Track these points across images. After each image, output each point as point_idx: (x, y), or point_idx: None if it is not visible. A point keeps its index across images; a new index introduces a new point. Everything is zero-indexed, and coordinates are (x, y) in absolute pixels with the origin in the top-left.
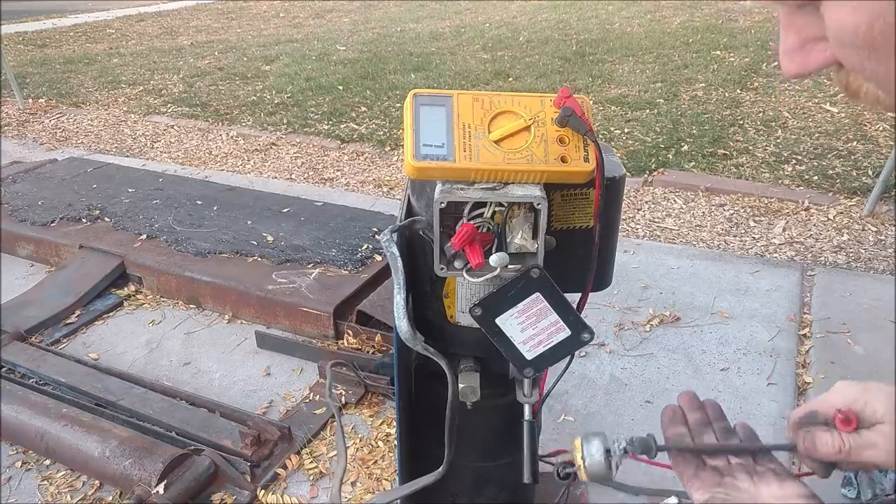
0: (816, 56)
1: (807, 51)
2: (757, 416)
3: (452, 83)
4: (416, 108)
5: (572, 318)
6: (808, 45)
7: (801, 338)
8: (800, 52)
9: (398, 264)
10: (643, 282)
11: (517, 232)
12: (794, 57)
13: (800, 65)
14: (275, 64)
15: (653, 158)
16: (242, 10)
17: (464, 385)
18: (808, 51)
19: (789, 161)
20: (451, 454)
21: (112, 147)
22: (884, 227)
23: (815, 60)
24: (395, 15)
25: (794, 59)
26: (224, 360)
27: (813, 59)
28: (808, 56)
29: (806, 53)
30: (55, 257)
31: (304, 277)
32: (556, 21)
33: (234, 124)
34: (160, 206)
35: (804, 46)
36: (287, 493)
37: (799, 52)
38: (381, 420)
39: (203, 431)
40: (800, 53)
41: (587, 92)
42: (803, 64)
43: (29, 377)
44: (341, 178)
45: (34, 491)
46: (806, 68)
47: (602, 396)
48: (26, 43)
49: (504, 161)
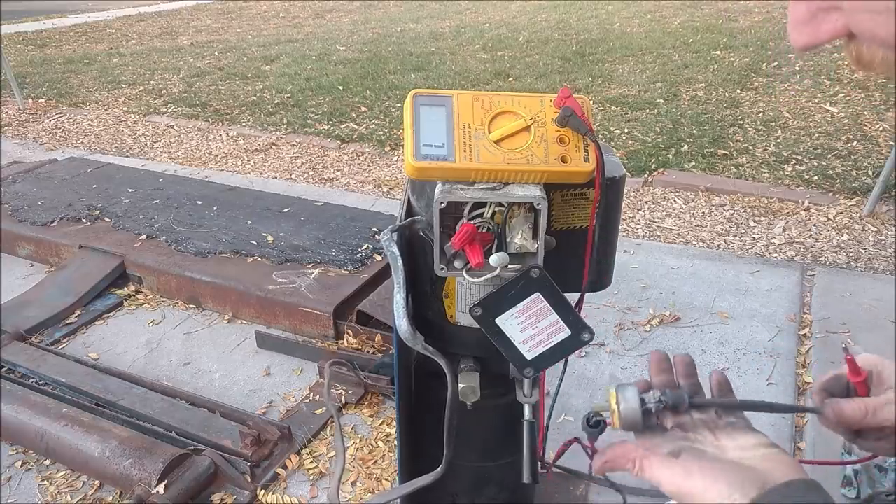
0: (828, 26)
1: (818, 21)
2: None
3: (452, 83)
4: (416, 108)
5: (572, 318)
6: (819, 15)
7: (801, 338)
8: (810, 23)
9: (398, 264)
10: (643, 282)
11: (517, 232)
12: (803, 28)
13: (810, 35)
14: (275, 64)
15: (653, 158)
16: (242, 10)
17: (464, 385)
18: (820, 21)
19: (789, 161)
20: (450, 454)
21: (112, 147)
22: (884, 227)
23: (826, 31)
24: (395, 15)
25: (803, 31)
26: (224, 360)
27: (824, 29)
28: (819, 26)
29: (817, 24)
30: (55, 257)
31: (304, 277)
32: (556, 21)
33: (234, 124)
34: (160, 206)
35: (815, 16)
36: (287, 493)
37: (809, 22)
38: (381, 420)
39: (203, 431)
40: (810, 24)
41: (587, 92)
42: (814, 34)
43: (29, 377)
44: (341, 178)
45: (34, 491)
46: (817, 38)
47: (602, 396)
48: (26, 43)
49: (504, 161)
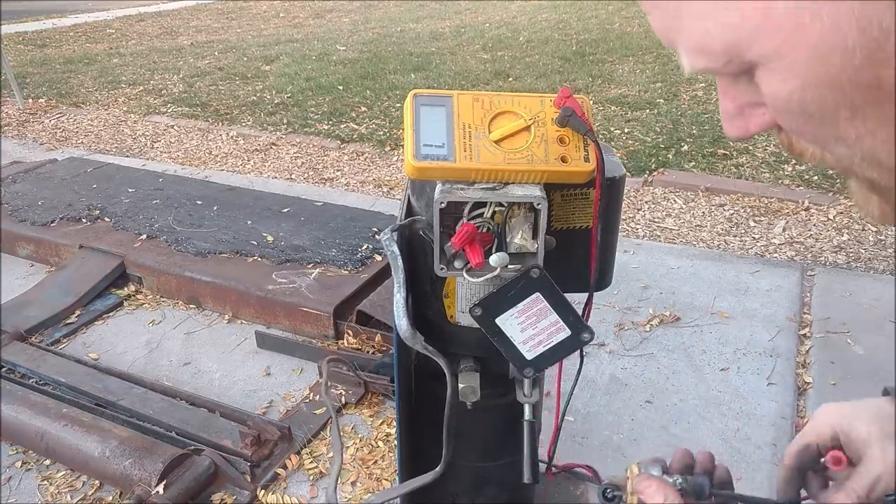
0: (756, 120)
1: (746, 115)
2: (757, 415)
3: (452, 83)
4: (417, 108)
5: (572, 318)
6: (746, 111)
7: (801, 338)
8: (739, 118)
9: (398, 263)
10: (643, 282)
11: (517, 232)
12: (734, 122)
13: (741, 129)
14: (275, 64)
15: (653, 158)
16: (242, 10)
17: (464, 385)
18: (748, 115)
19: (789, 161)
20: (449, 454)
21: (112, 147)
22: (884, 227)
23: (755, 124)
24: (395, 15)
25: (734, 124)
26: (224, 360)
27: (754, 122)
28: (748, 120)
29: (746, 118)
30: (55, 257)
31: (304, 277)
32: (556, 21)
33: (234, 124)
34: (160, 206)
35: (743, 112)
36: (287, 493)
37: (739, 116)
38: (381, 420)
39: (203, 431)
40: (740, 118)
41: (587, 92)
42: (744, 128)
43: (29, 377)
44: (341, 178)
45: (34, 491)
46: (748, 131)
47: (602, 396)
48: (26, 43)
49: (504, 161)
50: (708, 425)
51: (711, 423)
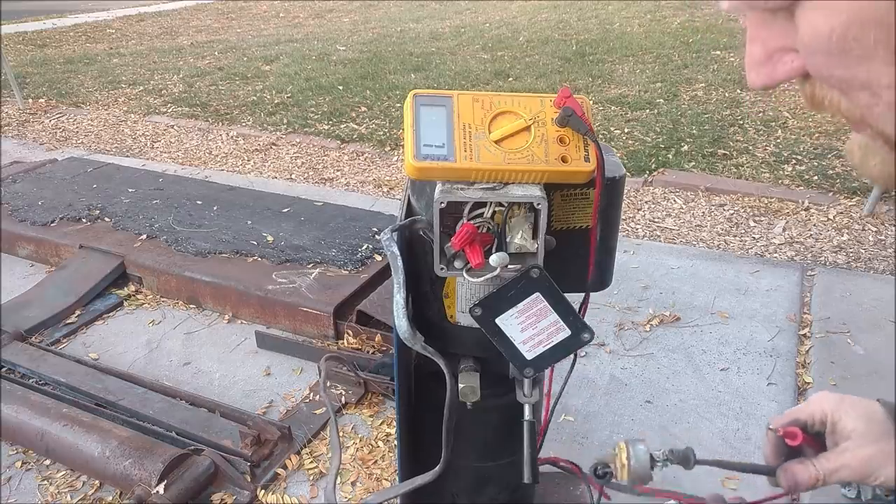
0: (784, 67)
1: (774, 61)
2: (757, 416)
3: (452, 83)
4: (417, 109)
5: (572, 318)
6: (775, 57)
7: (801, 338)
8: (767, 64)
9: (398, 263)
10: (643, 282)
11: (517, 232)
12: (760, 69)
13: (766, 76)
14: (275, 64)
15: (653, 158)
16: (242, 10)
17: (464, 385)
18: (776, 62)
19: (789, 161)
20: (449, 454)
21: (112, 147)
22: (884, 227)
23: (783, 71)
24: (395, 15)
25: (760, 72)
26: (224, 360)
27: (780, 70)
28: (775, 67)
29: (773, 64)
30: (55, 257)
31: (304, 277)
32: (556, 21)
33: (234, 124)
34: (160, 206)
35: (771, 58)
36: (287, 493)
37: (766, 63)
38: (381, 420)
39: (203, 431)
40: (766, 65)
41: (587, 92)
42: (770, 75)
43: (29, 377)
44: (341, 178)
45: (34, 491)
46: (773, 79)
47: (602, 396)
48: (26, 43)
49: (504, 161)
50: (708, 425)
51: (711, 422)
